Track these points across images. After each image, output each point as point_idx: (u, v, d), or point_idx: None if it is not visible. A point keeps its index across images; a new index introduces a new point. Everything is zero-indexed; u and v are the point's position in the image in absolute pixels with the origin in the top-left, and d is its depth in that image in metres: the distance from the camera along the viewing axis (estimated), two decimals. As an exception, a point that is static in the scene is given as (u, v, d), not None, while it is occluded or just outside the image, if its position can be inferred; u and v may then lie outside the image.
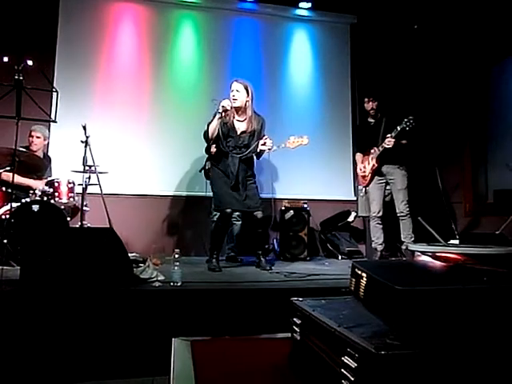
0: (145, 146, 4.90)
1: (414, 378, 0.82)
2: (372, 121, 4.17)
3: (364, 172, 4.16)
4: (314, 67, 5.57)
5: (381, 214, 4.07)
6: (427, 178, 4.86)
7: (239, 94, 3.57)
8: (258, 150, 3.64)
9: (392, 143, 3.82)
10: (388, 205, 4.18)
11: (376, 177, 4.09)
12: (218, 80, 4.91)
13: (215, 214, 3.99)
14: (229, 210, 3.54)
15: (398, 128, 3.76)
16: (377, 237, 4.08)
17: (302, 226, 4.66)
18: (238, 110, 3.60)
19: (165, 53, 5.15)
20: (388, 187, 4.14)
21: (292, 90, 5.45)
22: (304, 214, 4.69)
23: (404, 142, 3.90)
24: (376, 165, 4.03)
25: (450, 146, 4.91)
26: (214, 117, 3.57)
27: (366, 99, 4.17)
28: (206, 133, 3.58)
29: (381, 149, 3.92)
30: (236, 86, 3.59)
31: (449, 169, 4.93)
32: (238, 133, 3.62)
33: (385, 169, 4.04)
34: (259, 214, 3.59)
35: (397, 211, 3.98)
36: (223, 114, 3.51)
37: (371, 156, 4.06)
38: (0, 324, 2.24)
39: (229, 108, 3.53)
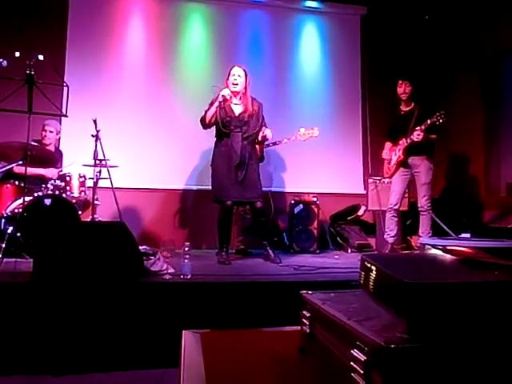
0: (155, 140, 4.92)
1: (423, 371, 0.82)
2: (404, 109, 4.01)
3: (389, 161, 4.09)
4: (323, 59, 5.53)
5: (398, 206, 4.02)
6: (439, 170, 4.81)
7: (240, 79, 3.61)
8: (260, 139, 3.67)
9: (421, 137, 3.73)
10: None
11: (401, 168, 4.00)
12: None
13: None
14: (229, 203, 3.56)
15: (429, 121, 3.66)
16: (390, 229, 4.05)
17: (312, 220, 4.66)
18: (236, 94, 3.63)
19: (174, 46, 5.15)
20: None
21: (302, 83, 5.41)
22: (314, 208, 4.68)
23: (433, 136, 3.81)
24: (402, 156, 3.94)
25: (462, 138, 4.85)
26: (212, 104, 3.58)
27: (400, 81, 3.95)
28: (203, 119, 3.61)
29: (409, 141, 3.84)
30: (237, 70, 3.63)
31: (461, 161, 4.87)
32: (237, 114, 3.63)
33: (410, 160, 3.95)
34: (258, 204, 3.60)
35: (418, 205, 3.93)
36: (223, 103, 3.53)
37: (398, 147, 3.98)
38: (14, 314, 2.29)
39: (228, 98, 3.56)
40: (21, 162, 3.44)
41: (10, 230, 3.16)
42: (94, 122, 3.67)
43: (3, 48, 3.69)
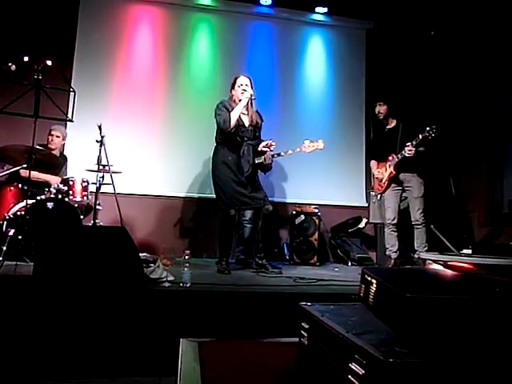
0: (158, 147, 4.95)
1: (422, 387, 0.82)
2: (388, 127, 4.11)
3: (381, 179, 4.12)
4: (328, 72, 5.57)
5: (396, 221, 4.02)
6: (441, 185, 4.81)
7: (248, 89, 3.61)
8: (259, 149, 3.66)
9: (413, 152, 3.75)
10: (402, 212, 4.14)
11: (393, 184, 4.04)
12: (233, 83, 4.93)
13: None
14: (232, 212, 3.55)
15: (420, 136, 3.68)
16: (391, 244, 4.04)
17: (313, 231, 4.65)
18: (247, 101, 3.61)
19: (180, 55, 5.20)
20: (404, 194, 4.09)
21: (306, 94, 5.45)
22: (315, 219, 4.67)
23: (422, 149, 3.83)
24: (394, 172, 3.97)
25: (465, 153, 4.86)
26: (224, 107, 3.56)
27: (375, 103, 4.12)
28: (228, 120, 3.49)
29: (400, 157, 3.86)
30: (245, 80, 3.65)
31: (463, 177, 4.87)
32: (246, 125, 3.65)
33: (402, 176, 3.99)
34: (270, 207, 3.61)
35: (412, 219, 3.93)
36: (248, 105, 3.56)
37: (389, 163, 4.00)
38: (13, 318, 2.28)
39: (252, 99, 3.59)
40: (25, 166, 3.46)
41: (12, 232, 3.17)
42: (99, 127, 3.70)
43: (12, 52, 3.74)
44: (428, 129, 3.65)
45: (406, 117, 4.12)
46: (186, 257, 2.74)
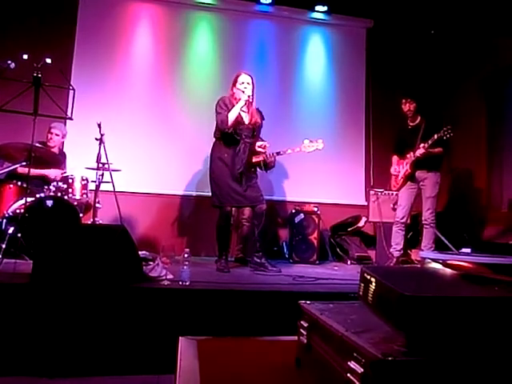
0: (158, 145, 4.94)
1: (420, 385, 0.82)
2: (411, 124, 4.03)
3: (397, 176, 4.09)
4: (328, 71, 5.56)
5: (405, 219, 4.01)
6: (441, 184, 4.81)
7: (250, 87, 3.61)
8: (256, 149, 3.67)
9: (422, 153, 3.75)
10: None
11: (408, 182, 4.01)
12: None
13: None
14: (228, 208, 3.55)
15: (435, 136, 3.67)
16: (396, 242, 4.03)
17: (312, 230, 4.64)
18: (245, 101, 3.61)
19: (180, 53, 5.19)
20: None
21: (306, 93, 5.44)
22: (314, 218, 4.67)
23: (439, 150, 3.80)
24: (409, 170, 3.95)
25: (466, 153, 4.85)
26: (225, 104, 3.57)
27: (404, 100, 4.00)
28: (225, 121, 3.51)
29: (416, 155, 3.84)
30: (247, 78, 3.64)
31: (463, 176, 4.87)
32: (246, 123, 3.65)
33: (418, 174, 3.95)
34: (264, 207, 3.60)
35: (422, 218, 3.93)
36: (245, 106, 3.55)
37: (406, 161, 3.99)
38: (12, 316, 2.28)
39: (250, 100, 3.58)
40: (24, 163, 3.46)
41: (11, 230, 3.16)
42: (99, 125, 3.70)
43: (11, 50, 3.73)
44: (444, 129, 3.63)
45: (430, 114, 4.03)
46: (186, 255, 2.75)
